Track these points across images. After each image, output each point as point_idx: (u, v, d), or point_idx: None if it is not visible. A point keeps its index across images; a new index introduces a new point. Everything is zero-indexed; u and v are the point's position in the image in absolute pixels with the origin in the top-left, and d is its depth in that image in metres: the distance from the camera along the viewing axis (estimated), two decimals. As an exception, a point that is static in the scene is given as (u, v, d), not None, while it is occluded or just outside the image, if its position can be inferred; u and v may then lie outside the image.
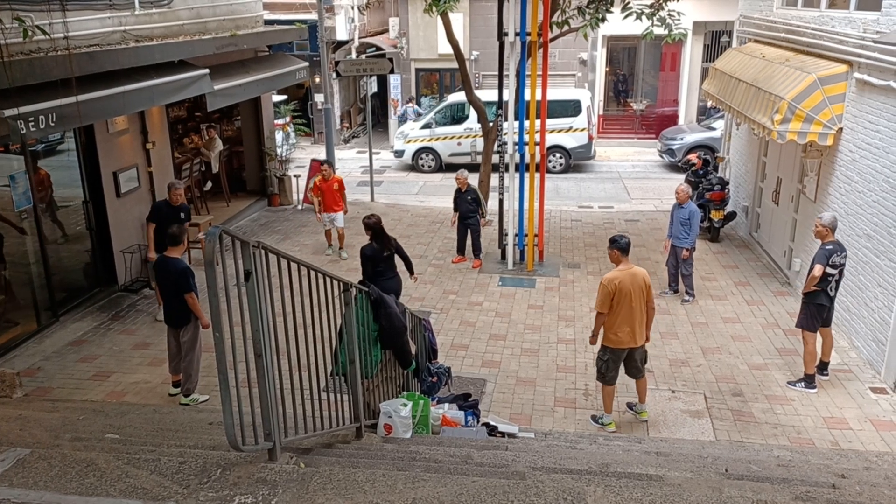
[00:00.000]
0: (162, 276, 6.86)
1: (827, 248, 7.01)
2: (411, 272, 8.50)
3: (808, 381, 7.26)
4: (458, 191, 11.05)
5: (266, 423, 3.44)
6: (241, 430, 3.22)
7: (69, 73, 7.03)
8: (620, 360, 6.54)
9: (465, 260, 11.29)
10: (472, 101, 13.12)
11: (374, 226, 7.92)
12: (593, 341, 6.72)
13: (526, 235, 10.96)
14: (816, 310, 7.13)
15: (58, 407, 6.27)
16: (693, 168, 12.99)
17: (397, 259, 8.18)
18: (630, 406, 6.90)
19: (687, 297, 9.57)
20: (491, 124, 12.65)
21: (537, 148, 10.54)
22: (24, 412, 5.70)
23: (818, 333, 7.28)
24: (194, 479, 3.24)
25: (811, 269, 7.09)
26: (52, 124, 7.06)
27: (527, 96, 10.32)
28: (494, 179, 11.68)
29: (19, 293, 8.52)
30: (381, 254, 7.86)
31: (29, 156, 8.30)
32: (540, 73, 10.16)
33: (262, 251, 3.43)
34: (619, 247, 6.41)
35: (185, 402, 6.98)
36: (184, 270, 6.71)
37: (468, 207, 10.95)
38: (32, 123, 6.77)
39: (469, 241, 11.26)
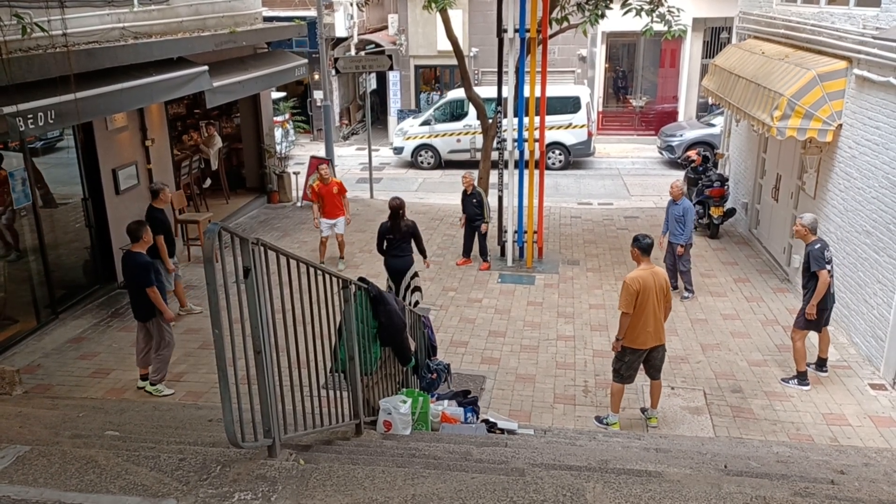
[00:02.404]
0: (124, 271, 6.99)
1: (816, 247, 7.02)
2: (424, 256, 9.14)
3: (801, 378, 7.27)
4: (465, 192, 10.96)
5: (265, 420, 3.44)
6: (240, 427, 3.22)
7: (68, 70, 7.03)
8: (640, 360, 6.47)
9: (469, 262, 11.16)
10: (472, 97, 13.09)
11: (390, 206, 8.75)
12: (618, 347, 6.47)
13: (525, 232, 10.96)
14: (820, 313, 7.13)
15: (57, 404, 6.28)
16: (692, 165, 12.99)
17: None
18: (643, 410, 6.87)
19: (686, 294, 9.57)
20: (490, 121, 12.64)
21: (536, 144, 10.53)
22: (23, 409, 5.70)
23: (809, 331, 7.29)
24: (194, 476, 3.24)
25: (810, 276, 7.06)
26: (51, 121, 7.06)
27: (526, 93, 10.31)
28: (494, 176, 11.67)
29: (19, 290, 8.52)
30: (389, 233, 8.67)
31: (28, 152, 8.31)
32: (539, 69, 10.15)
33: (262, 248, 3.43)
34: (640, 246, 6.34)
35: (150, 390, 7.09)
36: (144, 264, 6.76)
37: (473, 210, 10.88)
38: (31, 120, 6.76)
39: (476, 244, 11.13)
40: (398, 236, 8.67)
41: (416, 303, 8.88)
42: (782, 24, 10.51)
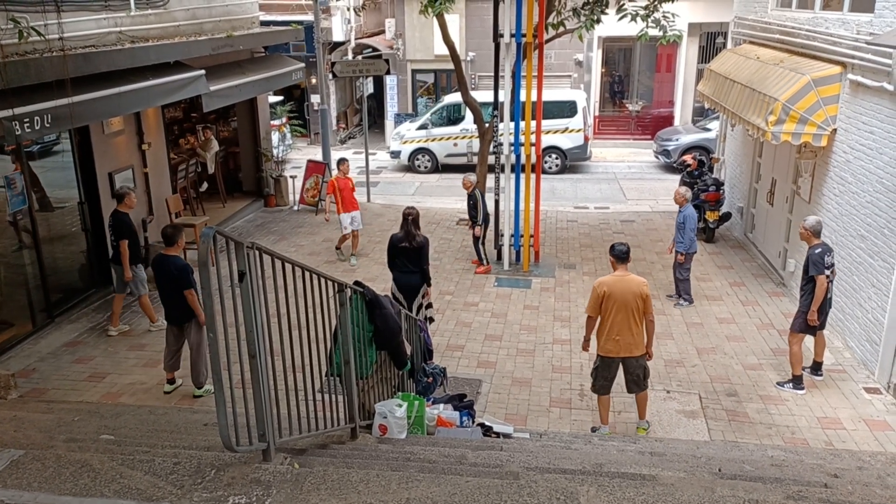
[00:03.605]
0: (161, 274, 6.92)
1: (816, 251, 7.02)
2: (426, 282, 8.02)
3: (796, 382, 7.28)
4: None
5: (260, 424, 3.45)
6: (235, 431, 3.23)
7: (64, 74, 7.04)
8: (611, 369, 6.40)
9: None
10: (468, 101, 13.14)
11: (404, 213, 7.99)
12: (586, 347, 6.62)
13: (522, 236, 10.98)
14: (816, 316, 7.14)
15: (52, 408, 6.28)
16: (688, 169, 13.01)
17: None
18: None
19: (681, 303, 9.49)
20: (487, 125, 12.68)
21: (533, 149, 10.56)
22: (18, 413, 5.70)
23: (805, 335, 7.30)
24: (188, 480, 3.25)
25: (808, 280, 7.08)
26: (48, 125, 7.06)
27: (522, 97, 10.34)
28: (490, 180, 11.70)
29: (15, 294, 8.51)
30: (400, 243, 7.87)
31: (24, 156, 8.30)
32: (535, 74, 10.18)
33: (256, 252, 3.44)
34: (614, 253, 6.33)
35: (199, 393, 7.11)
36: (184, 267, 6.85)
37: (470, 212, 10.96)
38: (28, 124, 6.77)
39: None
40: (407, 247, 7.83)
41: (431, 318, 8.21)
42: (777, 29, 10.56)
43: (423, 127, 18.65)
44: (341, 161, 11.54)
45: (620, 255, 6.31)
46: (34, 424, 5.13)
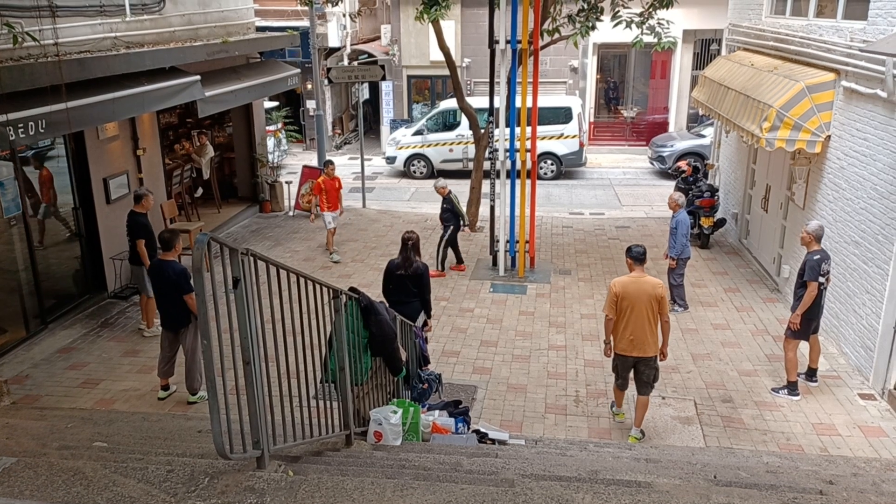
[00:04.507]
0: (160, 280, 6.90)
1: (814, 258, 7.04)
2: (427, 313, 7.32)
3: (791, 388, 7.29)
4: None
5: (254, 431, 3.43)
6: (229, 438, 3.21)
7: (59, 79, 7.02)
8: (627, 367, 6.51)
9: (463, 269, 11.24)
10: (464, 107, 13.16)
11: (403, 238, 7.24)
12: (608, 352, 6.55)
13: (517, 242, 10.99)
14: (807, 323, 7.16)
15: (45, 415, 6.24)
16: (683, 175, 13.05)
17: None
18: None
19: (676, 308, 9.51)
20: (482, 131, 12.69)
21: (528, 154, 10.58)
22: (11, 420, 5.67)
23: (801, 341, 7.31)
24: (182, 488, 3.23)
25: (801, 284, 7.10)
26: (42, 131, 7.04)
27: (518, 103, 10.36)
28: (486, 186, 11.71)
29: (8, 300, 8.47)
30: (397, 270, 7.14)
31: (18, 161, 8.28)
32: (531, 80, 10.20)
33: (251, 258, 3.43)
34: (631, 255, 6.40)
35: (194, 399, 7.07)
36: (182, 271, 6.84)
37: (444, 215, 11.10)
38: (22, 130, 6.75)
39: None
40: (403, 275, 7.10)
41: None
42: (771, 35, 10.62)
43: (418, 133, 18.67)
44: (328, 163, 11.91)
45: (637, 257, 6.38)
46: (27, 431, 5.10)
